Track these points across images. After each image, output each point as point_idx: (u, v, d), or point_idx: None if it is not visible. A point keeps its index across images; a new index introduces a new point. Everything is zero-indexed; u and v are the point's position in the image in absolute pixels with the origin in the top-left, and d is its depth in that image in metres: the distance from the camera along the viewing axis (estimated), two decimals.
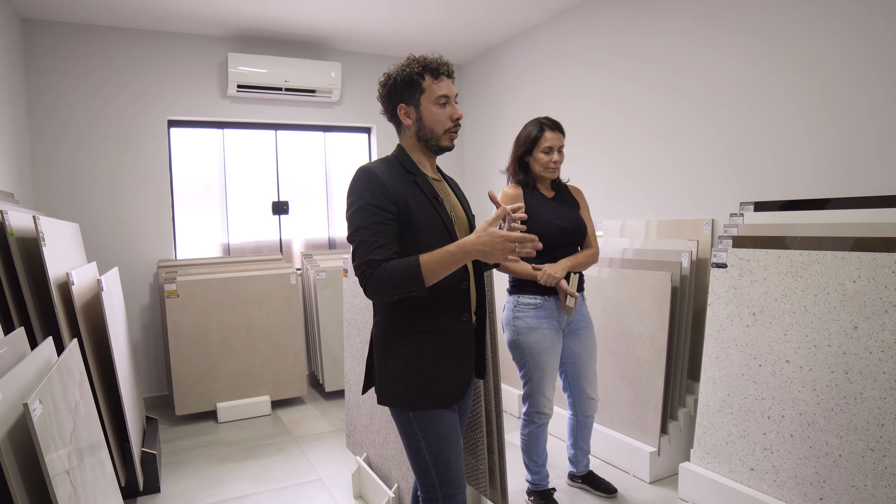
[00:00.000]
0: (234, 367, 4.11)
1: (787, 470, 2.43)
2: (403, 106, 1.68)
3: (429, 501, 1.71)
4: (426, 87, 1.67)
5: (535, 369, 2.52)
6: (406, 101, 1.68)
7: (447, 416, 1.68)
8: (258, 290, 4.20)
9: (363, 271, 1.55)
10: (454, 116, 1.69)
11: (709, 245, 3.16)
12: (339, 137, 5.14)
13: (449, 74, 1.71)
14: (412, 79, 1.66)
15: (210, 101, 4.49)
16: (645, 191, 3.62)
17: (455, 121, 1.70)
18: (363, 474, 2.83)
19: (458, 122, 1.71)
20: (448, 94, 1.69)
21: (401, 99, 1.68)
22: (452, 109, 1.69)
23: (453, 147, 1.75)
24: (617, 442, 3.13)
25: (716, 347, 2.74)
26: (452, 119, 1.69)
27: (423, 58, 1.68)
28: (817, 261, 2.42)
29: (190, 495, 2.99)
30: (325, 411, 4.21)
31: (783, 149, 2.86)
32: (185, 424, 4.01)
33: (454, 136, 1.73)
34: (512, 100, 4.75)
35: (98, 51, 4.14)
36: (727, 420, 2.66)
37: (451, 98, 1.70)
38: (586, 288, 3.33)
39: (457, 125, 1.71)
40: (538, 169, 2.56)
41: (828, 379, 2.33)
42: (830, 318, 2.35)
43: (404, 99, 1.68)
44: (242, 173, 4.78)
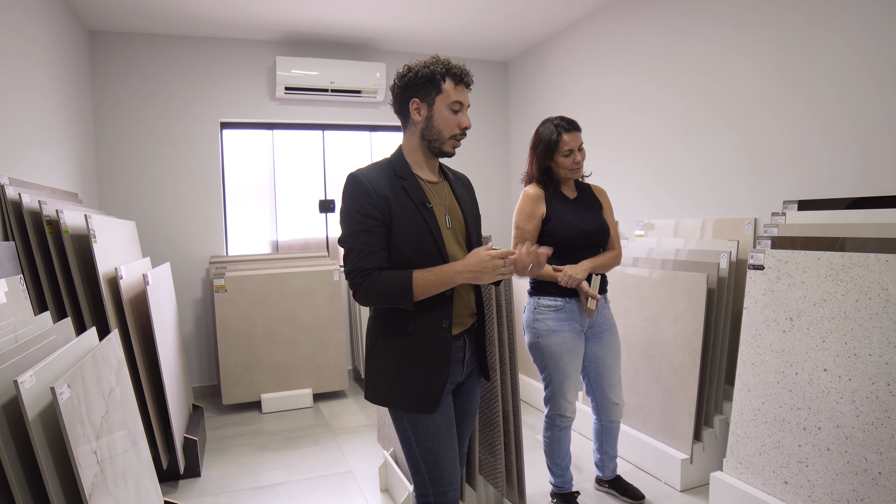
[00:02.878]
0: (278, 359, 4.25)
1: (822, 485, 2.30)
2: (417, 101, 1.69)
3: (421, 497, 1.74)
4: (445, 90, 1.68)
5: (556, 372, 2.49)
6: (421, 97, 1.69)
7: (436, 415, 1.69)
8: (302, 285, 4.33)
9: (353, 278, 1.61)
10: (462, 125, 1.71)
11: (749, 245, 3.02)
12: (385, 136, 5.22)
13: (468, 84, 1.73)
14: (433, 77, 1.68)
15: (260, 103, 4.66)
16: (691, 190, 3.50)
17: (463, 129, 1.72)
18: (389, 469, 2.88)
19: (465, 131, 1.73)
20: (463, 102, 1.71)
21: (416, 94, 1.69)
22: (463, 118, 1.71)
23: (454, 154, 1.75)
24: (648, 447, 3.05)
25: (751, 353, 2.63)
26: (461, 127, 1.71)
27: (449, 61, 1.70)
28: (859, 263, 2.28)
29: (227, 480, 3.12)
30: (365, 405, 4.29)
31: (829, 146, 2.71)
32: (230, 413, 4.18)
33: (457, 144, 1.74)
34: (558, 97, 4.69)
35: (156, 58, 4.37)
36: (761, 429, 2.55)
37: (464, 107, 1.72)
38: (612, 289, 3.25)
39: (463, 134, 1.73)
40: (563, 173, 2.52)
41: (868, 390, 2.20)
42: (872, 326, 2.21)
43: (419, 95, 1.69)
44: (291, 173, 4.94)
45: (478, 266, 1.59)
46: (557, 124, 2.50)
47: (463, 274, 1.60)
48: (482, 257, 1.59)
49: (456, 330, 1.74)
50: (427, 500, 1.72)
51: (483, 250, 1.61)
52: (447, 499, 1.71)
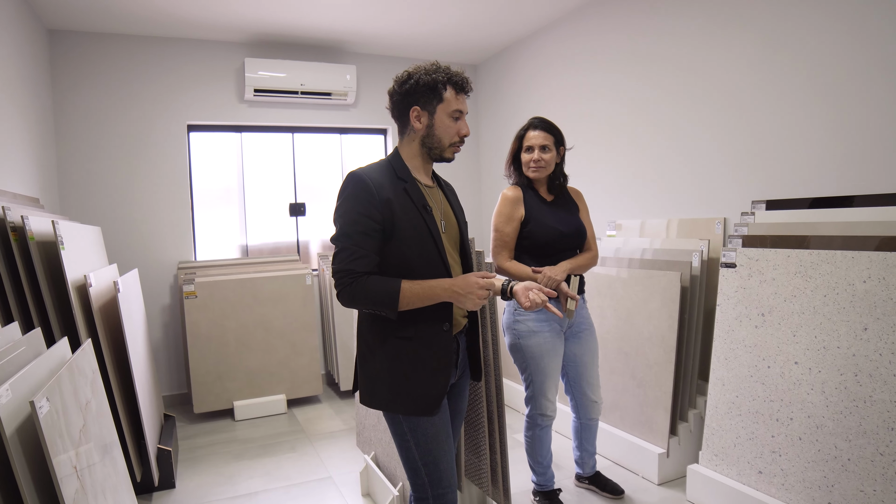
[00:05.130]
0: (250, 366, 4.19)
1: (795, 473, 2.39)
2: (417, 109, 1.70)
3: (420, 500, 1.74)
4: (446, 98, 1.70)
5: (537, 372, 2.52)
6: (422, 105, 1.70)
7: (436, 417, 1.69)
8: (274, 290, 4.27)
9: (341, 279, 1.60)
10: (462, 133, 1.74)
11: (720, 244, 3.11)
12: (355, 139, 5.19)
13: (468, 92, 1.76)
14: (435, 86, 1.69)
15: (228, 106, 4.58)
16: (661, 189, 3.58)
17: (462, 137, 1.74)
18: (371, 473, 2.87)
19: (464, 139, 1.76)
20: (463, 111, 1.73)
21: (417, 101, 1.70)
22: (463, 125, 1.74)
23: (453, 160, 1.78)
24: (626, 443, 3.11)
25: (724, 348, 2.71)
26: (460, 135, 1.74)
27: (449, 69, 1.72)
28: (827, 260, 2.37)
29: (203, 491, 3.05)
30: (340, 410, 4.26)
31: (797, 147, 2.81)
32: (202, 422, 4.10)
33: (457, 150, 1.77)
34: (527, 100, 4.74)
35: (120, 59, 4.26)
36: (735, 422, 2.63)
37: (463, 114, 1.74)
38: (588, 289, 3.32)
39: (462, 141, 1.76)
40: (523, 168, 2.57)
41: (837, 381, 2.29)
42: (840, 319, 2.30)
43: (420, 103, 1.69)
44: (260, 176, 4.87)
45: (465, 289, 1.61)
46: (530, 121, 2.59)
47: (449, 292, 1.62)
48: (472, 283, 1.62)
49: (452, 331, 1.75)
50: (427, 502, 1.72)
51: (475, 276, 1.63)
52: (447, 500, 1.72)
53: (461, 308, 1.76)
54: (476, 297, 1.62)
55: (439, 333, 1.69)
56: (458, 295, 1.62)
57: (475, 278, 1.63)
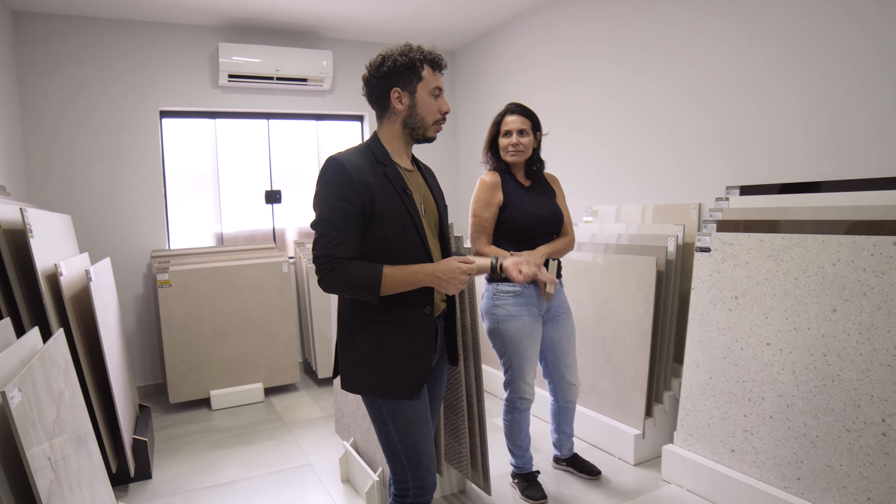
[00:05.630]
0: (227, 354, 4.15)
1: (766, 451, 2.45)
2: (398, 90, 1.69)
3: (399, 483, 1.74)
4: (425, 77, 1.70)
5: (516, 356, 2.54)
6: (402, 86, 1.69)
7: (415, 401, 1.70)
8: (251, 278, 4.23)
9: (322, 264, 1.59)
10: (443, 109, 1.75)
11: (695, 229, 3.16)
12: (332, 126, 5.14)
13: (443, 69, 1.76)
14: (414, 65, 1.68)
15: (202, 92, 4.50)
16: (638, 175, 3.62)
17: (444, 114, 1.75)
18: (350, 459, 2.87)
19: (446, 115, 1.76)
20: (441, 88, 1.74)
21: (396, 83, 1.68)
22: (443, 102, 1.75)
23: (435, 139, 1.78)
24: (602, 425, 3.16)
25: (699, 331, 2.75)
26: (442, 112, 1.74)
27: (422, 48, 1.71)
28: (798, 244, 2.42)
29: (181, 481, 3.03)
30: (318, 398, 4.25)
31: (771, 133, 2.86)
32: (178, 412, 4.06)
33: (440, 129, 1.77)
34: (505, 86, 4.74)
35: (89, 42, 4.15)
36: (709, 403, 2.68)
37: (442, 91, 1.75)
38: (566, 273, 3.35)
39: (444, 119, 1.76)
40: (502, 153, 2.58)
41: (807, 361, 2.35)
42: (810, 301, 2.36)
43: (400, 83, 1.69)
44: (235, 163, 4.80)
45: (447, 275, 1.62)
46: (507, 106, 2.60)
47: (430, 276, 1.63)
48: (454, 268, 1.63)
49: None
50: (406, 485, 1.72)
51: (456, 261, 1.64)
52: (426, 483, 1.72)
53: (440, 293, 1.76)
54: (457, 282, 1.63)
55: (420, 317, 1.69)
56: (440, 280, 1.63)
57: (457, 263, 1.64)
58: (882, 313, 2.14)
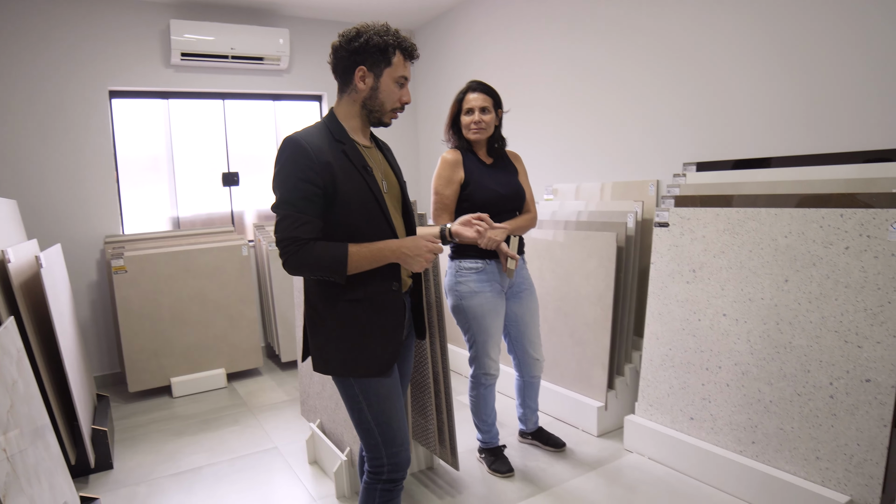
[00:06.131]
0: (187, 341, 4.07)
1: (723, 417, 2.54)
2: (364, 69, 1.66)
3: (373, 461, 1.74)
4: (394, 63, 1.68)
5: (480, 332, 2.56)
6: (369, 66, 1.66)
7: (387, 378, 1.70)
8: (210, 262, 4.14)
9: (286, 247, 1.56)
10: (404, 100, 1.73)
11: (654, 205, 3.22)
12: (290, 106, 5.04)
13: (414, 60, 1.74)
14: (386, 49, 1.65)
15: (153, 71, 4.34)
16: (597, 154, 3.66)
17: (403, 104, 1.74)
18: (317, 440, 2.86)
19: (405, 105, 1.75)
20: (407, 78, 1.72)
21: (364, 61, 1.65)
22: (405, 93, 1.73)
23: (390, 125, 1.78)
24: (566, 399, 3.22)
25: (658, 304, 2.82)
26: (402, 102, 1.73)
27: (398, 33, 1.69)
28: (752, 218, 2.50)
29: (144, 470, 2.98)
30: (282, 381, 4.22)
31: (726, 111, 2.92)
32: (138, 401, 3.97)
33: (396, 117, 1.76)
34: (466, 64, 4.71)
35: (31, 17, 3.95)
36: (669, 373, 2.76)
37: (407, 81, 1.73)
38: (528, 251, 3.38)
39: (403, 108, 1.75)
40: (464, 131, 2.58)
41: (761, 330, 2.43)
42: (764, 273, 2.44)
43: (368, 63, 1.66)
44: (190, 145, 4.66)
45: (413, 251, 1.63)
46: (469, 84, 2.59)
47: (397, 253, 1.63)
48: (421, 245, 1.63)
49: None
50: (380, 462, 1.72)
51: (424, 240, 1.65)
52: (400, 459, 1.73)
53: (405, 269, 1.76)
54: (423, 259, 1.63)
55: (389, 294, 1.69)
56: (406, 256, 1.63)
57: (424, 241, 1.64)
58: (830, 282, 2.23)
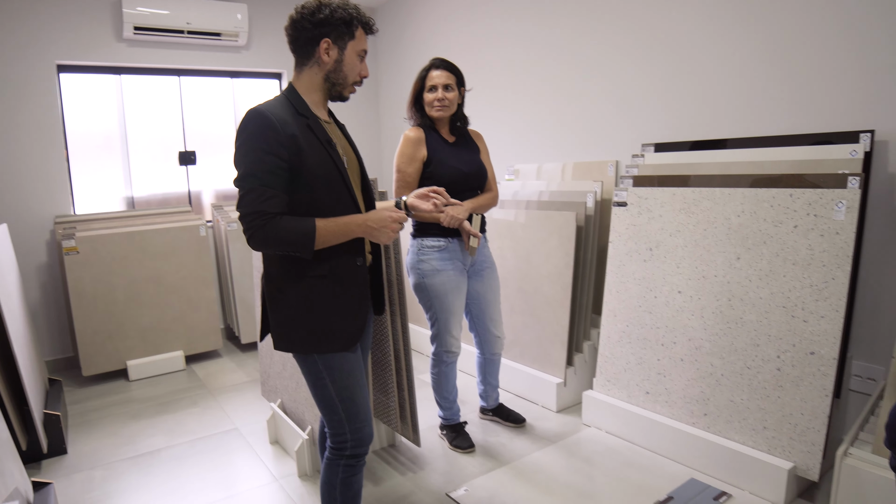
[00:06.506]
0: (143, 323, 3.98)
1: (677, 391, 2.62)
2: (328, 42, 1.64)
3: (337, 436, 1.74)
4: (357, 36, 1.68)
5: (442, 310, 2.57)
6: (333, 39, 1.65)
7: (350, 353, 1.70)
8: (166, 243, 4.05)
9: (251, 221, 1.53)
10: (363, 73, 1.74)
11: (612, 185, 3.27)
12: (248, 84, 4.93)
13: (373, 34, 1.75)
14: (351, 22, 1.65)
15: (104, 45, 4.19)
16: (558, 135, 3.69)
17: (362, 78, 1.74)
18: (278, 420, 2.85)
19: (363, 80, 1.76)
20: (366, 51, 1.73)
21: (329, 34, 1.64)
22: (365, 67, 1.74)
23: (349, 99, 1.77)
24: (526, 376, 3.27)
25: (616, 282, 2.88)
26: (361, 75, 1.74)
27: (357, 7, 1.69)
28: (707, 197, 2.56)
29: (101, 454, 2.92)
30: (242, 363, 4.17)
31: (683, 94, 2.98)
32: (93, 385, 3.88)
33: (354, 91, 1.77)
34: (429, 43, 4.68)
35: None
36: (626, 349, 2.83)
37: (366, 55, 1.74)
38: (489, 231, 3.40)
39: (361, 82, 1.76)
40: (427, 109, 2.57)
41: (714, 307, 2.51)
42: (717, 251, 2.51)
43: (332, 36, 1.64)
44: (145, 123, 4.52)
45: (378, 224, 1.64)
46: (432, 62, 2.57)
47: (363, 227, 1.63)
48: (385, 217, 1.64)
49: None
50: (343, 437, 1.72)
51: (387, 211, 1.65)
52: (363, 434, 1.74)
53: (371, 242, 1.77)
54: (390, 231, 1.64)
55: (353, 269, 1.69)
56: (372, 229, 1.63)
57: (388, 212, 1.64)
58: (779, 260, 2.31)
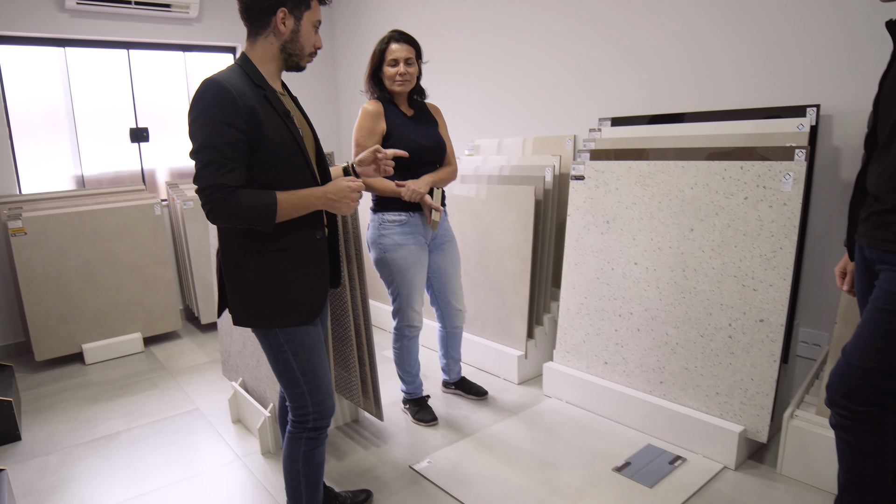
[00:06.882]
0: (98, 305, 3.88)
1: (634, 360, 2.69)
2: (285, 11, 1.61)
3: (298, 410, 1.74)
4: (312, 6, 1.67)
5: (404, 284, 2.58)
6: (290, 9, 1.61)
7: (311, 327, 1.70)
8: (119, 223, 3.94)
9: (211, 195, 1.49)
10: (318, 44, 1.72)
11: (571, 159, 3.30)
12: (201, 58, 4.79)
13: (327, 4, 1.74)
14: None
15: (45, 15, 4.00)
16: (519, 109, 3.70)
17: (317, 49, 1.73)
18: (240, 398, 2.83)
19: (317, 51, 1.74)
20: (321, 22, 1.71)
21: (285, 3, 1.60)
22: (319, 38, 1.72)
23: (305, 69, 1.75)
24: (488, 349, 3.31)
25: (574, 255, 2.92)
26: (316, 46, 1.72)
27: None
28: (662, 170, 2.60)
29: (56, 439, 2.85)
30: (202, 344, 4.11)
31: (641, 68, 3.00)
32: (47, 370, 3.78)
33: (310, 61, 1.74)
34: (387, 17, 4.60)
35: None
36: (584, 321, 2.88)
37: (320, 26, 1.72)
38: (449, 205, 3.41)
39: (316, 53, 1.74)
40: (387, 83, 2.54)
41: (669, 277, 2.57)
42: (672, 223, 2.56)
43: (289, 6, 1.61)
44: (93, 98, 4.36)
45: (338, 195, 1.63)
46: (391, 34, 2.53)
47: (323, 199, 1.62)
48: (344, 188, 1.63)
49: None
50: (305, 411, 1.73)
51: (345, 181, 1.64)
52: (325, 406, 1.75)
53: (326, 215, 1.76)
54: (350, 201, 1.64)
55: (313, 242, 1.69)
56: (332, 201, 1.62)
57: (346, 182, 1.64)
58: (730, 230, 2.38)
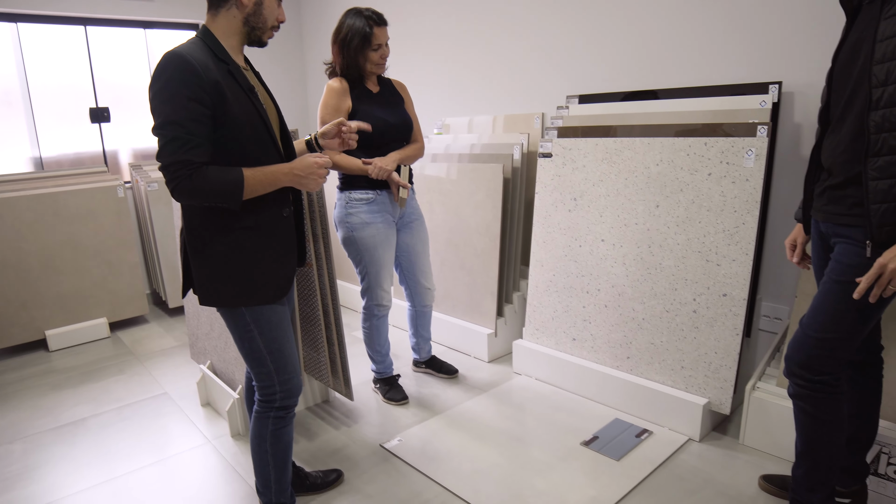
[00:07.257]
0: (61, 290, 3.80)
1: (601, 336, 2.72)
2: None
3: (265, 389, 1.74)
4: None
5: (372, 263, 2.56)
6: None
7: (277, 306, 1.69)
8: (81, 205, 3.84)
9: (176, 171, 1.46)
10: (281, 18, 1.69)
11: (539, 137, 3.30)
12: (163, 36, 4.65)
13: None
14: None
15: None
16: (489, 87, 3.68)
17: (280, 22, 1.69)
18: (208, 381, 2.80)
19: (280, 24, 1.71)
20: None
21: None
22: (282, 11, 1.69)
23: (267, 45, 1.72)
24: (458, 328, 3.32)
25: (542, 232, 2.93)
26: (279, 20, 1.69)
27: None
28: (628, 147, 2.62)
29: (19, 427, 2.79)
30: (170, 328, 4.06)
31: (616, 45, 3.00)
32: (8, 357, 3.69)
33: (272, 36, 1.71)
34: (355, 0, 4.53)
35: None
36: (553, 298, 2.90)
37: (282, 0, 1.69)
38: (417, 184, 3.39)
39: (279, 27, 1.71)
40: (369, 67, 2.49)
41: (635, 253, 2.60)
42: (638, 199, 2.58)
43: None
44: (49, 77, 4.21)
45: (305, 171, 1.62)
46: (368, 16, 2.44)
47: (290, 176, 1.61)
48: (310, 164, 1.62)
49: None
50: (272, 390, 1.73)
51: (311, 157, 1.63)
52: (292, 385, 1.75)
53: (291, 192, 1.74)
54: (317, 177, 1.63)
55: (280, 220, 1.67)
56: (299, 177, 1.61)
57: (312, 159, 1.62)
58: (695, 206, 2.41)
